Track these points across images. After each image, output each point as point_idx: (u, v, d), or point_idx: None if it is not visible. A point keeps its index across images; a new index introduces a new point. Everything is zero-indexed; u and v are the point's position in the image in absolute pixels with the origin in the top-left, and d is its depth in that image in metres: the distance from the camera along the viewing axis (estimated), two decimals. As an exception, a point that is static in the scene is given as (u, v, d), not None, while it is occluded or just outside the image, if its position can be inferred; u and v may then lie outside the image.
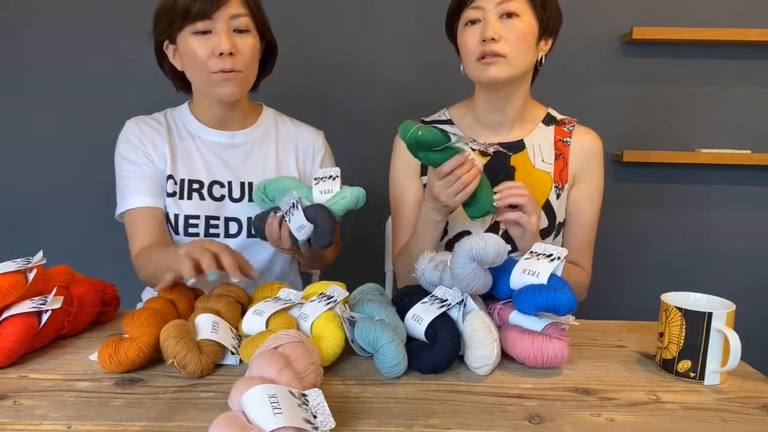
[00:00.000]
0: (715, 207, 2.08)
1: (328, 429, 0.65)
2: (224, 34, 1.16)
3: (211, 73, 1.18)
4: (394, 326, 0.89)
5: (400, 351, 0.86)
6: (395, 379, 0.86)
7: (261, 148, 1.34)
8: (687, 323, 0.87)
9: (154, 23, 1.23)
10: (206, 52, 1.17)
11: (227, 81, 1.19)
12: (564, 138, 1.31)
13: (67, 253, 1.49)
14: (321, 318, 0.91)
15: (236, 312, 0.99)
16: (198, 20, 1.15)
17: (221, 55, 1.16)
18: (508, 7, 1.16)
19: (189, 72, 1.23)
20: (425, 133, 1.04)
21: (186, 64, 1.22)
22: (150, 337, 0.87)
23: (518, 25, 1.16)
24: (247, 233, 1.30)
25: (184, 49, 1.19)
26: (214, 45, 1.16)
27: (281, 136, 1.36)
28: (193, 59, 1.18)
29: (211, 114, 1.30)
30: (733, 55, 1.99)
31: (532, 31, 1.18)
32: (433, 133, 1.05)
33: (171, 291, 1.03)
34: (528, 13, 1.18)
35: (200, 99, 1.30)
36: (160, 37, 1.23)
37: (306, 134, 1.39)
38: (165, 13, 1.19)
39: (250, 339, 0.90)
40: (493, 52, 1.17)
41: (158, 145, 1.28)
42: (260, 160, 1.33)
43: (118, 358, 0.85)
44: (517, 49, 1.17)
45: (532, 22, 1.18)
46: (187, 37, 1.18)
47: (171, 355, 0.83)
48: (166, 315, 0.94)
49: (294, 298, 0.97)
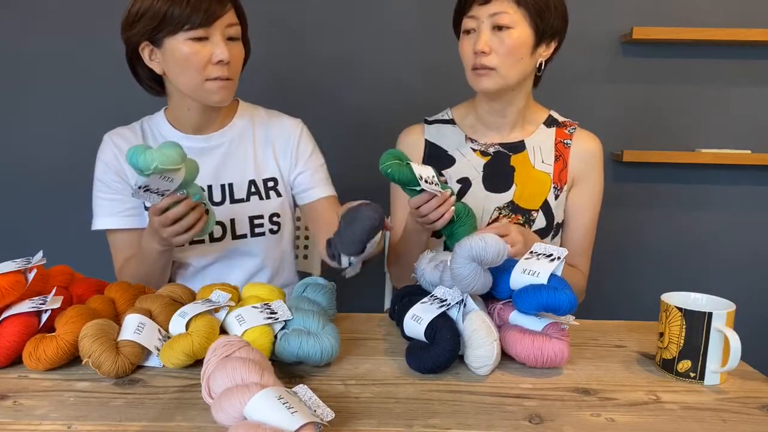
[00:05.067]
0: (715, 207, 2.08)
1: (329, 420, 0.66)
2: (222, 42, 1.16)
3: (207, 80, 1.17)
4: (300, 330, 0.89)
5: (317, 343, 0.87)
6: (395, 379, 0.86)
7: (239, 148, 1.32)
8: (687, 323, 0.87)
9: (130, 22, 1.17)
10: (203, 59, 1.15)
11: (222, 89, 1.19)
12: (564, 140, 1.31)
13: (67, 253, 1.48)
14: (257, 329, 0.90)
15: (171, 312, 0.94)
16: (199, 27, 1.13)
17: (219, 62, 1.16)
18: (499, 20, 1.16)
19: (176, 76, 1.19)
20: (394, 171, 1.05)
21: (174, 69, 1.18)
22: (71, 335, 0.86)
23: (509, 38, 1.16)
24: (232, 235, 1.30)
25: (175, 54, 1.16)
26: (211, 52, 1.15)
27: (258, 132, 1.34)
28: (187, 64, 1.15)
29: (190, 119, 1.28)
30: (733, 55, 1.99)
31: (525, 43, 1.18)
32: (403, 173, 1.05)
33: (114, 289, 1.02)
34: (522, 24, 1.17)
35: (180, 103, 1.26)
36: (140, 37, 1.17)
37: (282, 126, 1.36)
38: (151, 13, 1.14)
39: (168, 342, 0.89)
40: (483, 65, 1.18)
41: None
42: (239, 160, 1.31)
43: (38, 355, 0.85)
44: (507, 61, 1.17)
45: (525, 33, 1.17)
46: (179, 42, 1.15)
47: (86, 354, 0.83)
48: (98, 314, 0.92)
49: (222, 300, 0.96)
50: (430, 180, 1.06)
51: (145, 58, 1.20)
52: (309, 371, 0.89)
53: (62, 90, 2.01)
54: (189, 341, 0.86)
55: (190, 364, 0.88)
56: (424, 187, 1.04)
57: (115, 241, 1.30)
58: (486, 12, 1.17)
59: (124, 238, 1.29)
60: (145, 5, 1.15)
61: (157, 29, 1.15)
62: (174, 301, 0.99)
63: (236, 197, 1.30)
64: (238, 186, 1.30)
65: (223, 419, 0.65)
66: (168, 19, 1.13)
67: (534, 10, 1.16)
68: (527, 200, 1.28)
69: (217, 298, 0.96)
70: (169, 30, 1.14)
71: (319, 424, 0.64)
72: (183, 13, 1.12)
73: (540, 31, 1.18)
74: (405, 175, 1.05)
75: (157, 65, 1.20)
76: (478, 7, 1.18)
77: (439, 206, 1.07)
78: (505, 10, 1.16)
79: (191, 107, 1.26)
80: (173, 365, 0.87)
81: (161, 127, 1.31)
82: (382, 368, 0.90)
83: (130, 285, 1.05)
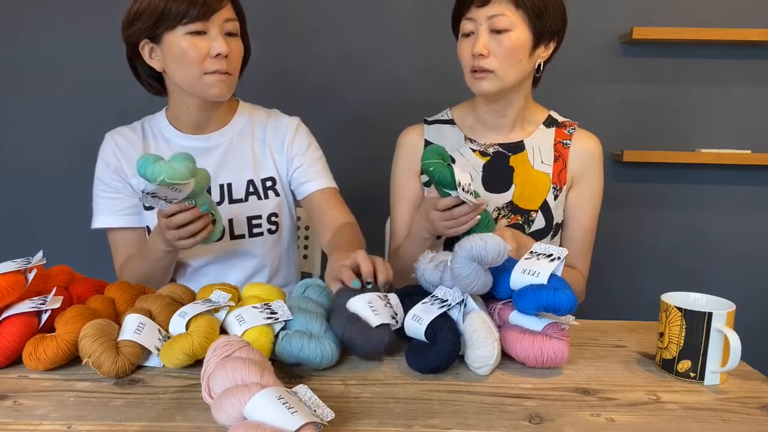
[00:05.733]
0: (715, 207, 2.08)
1: (329, 419, 0.66)
2: (220, 36, 1.17)
3: (205, 74, 1.18)
4: (302, 332, 0.89)
5: (318, 347, 0.86)
6: (395, 379, 0.86)
7: (237, 148, 1.32)
8: (687, 323, 0.87)
9: (130, 20, 1.18)
10: (201, 53, 1.16)
11: (221, 82, 1.19)
12: (564, 140, 1.31)
13: (67, 253, 1.48)
14: (257, 329, 0.90)
15: (172, 313, 0.94)
16: (196, 21, 1.14)
17: (217, 56, 1.16)
18: (497, 23, 1.16)
19: (175, 71, 1.20)
20: (436, 170, 1.05)
21: (173, 64, 1.19)
22: (71, 335, 0.86)
23: (507, 40, 1.16)
24: (230, 236, 1.30)
25: (174, 49, 1.17)
26: (209, 46, 1.16)
27: (257, 132, 1.34)
28: (186, 58, 1.16)
29: (190, 118, 1.28)
30: (733, 55, 1.99)
31: (523, 45, 1.17)
32: (444, 175, 1.05)
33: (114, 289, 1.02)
34: (520, 26, 1.16)
35: (179, 101, 1.27)
36: (140, 35, 1.18)
37: (278, 124, 1.35)
38: (150, 11, 1.15)
39: (168, 342, 0.88)
40: (481, 68, 1.18)
41: (133, 160, 1.27)
42: (237, 160, 1.31)
43: (38, 355, 0.85)
44: (505, 64, 1.17)
45: (523, 35, 1.17)
46: (178, 37, 1.15)
47: (86, 354, 0.83)
48: (98, 314, 0.92)
49: (222, 300, 0.96)
50: (467, 188, 1.06)
51: (145, 56, 1.21)
52: (309, 371, 0.89)
53: (62, 90, 2.02)
54: (189, 341, 0.86)
55: (190, 364, 0.88)
56: (461, 195, 1.04)
57: (115, 240, 1.31)
58: (484, 14, 1.17)
59: (124, 237, 1.30)
60: (144, 4, 1.16)
61: (156, 25, 1.16)
62: (174, 301, 0.99)
63: (235, 197, 1.30)
64: (236, 186, 1.30)
65: (223, 419, 0.65)
66: (166, 14, 1.14)
67: (532, 12, 1.16)
68: (526, 200, 1.28)
69: (217, 298, 0.96)
70: (167, 25, 1.15)
71: (319, 424, 0.64)
72: (181, 8, 1.13)
73: (538, 32, 1.18)
74: (445, 177, 1.05)
75: (157, 62, 1.21)
76: (476, 9, 1.18)
77: (469, 213, 1.07)
78: (503, 12, 1.15)
79: (191, 105, 1.26)
80: (173, 365, 0.87)
81: (162, 127, 1.31)
82: (382, 368, 0.90)
83: (130, 285, 1.05)
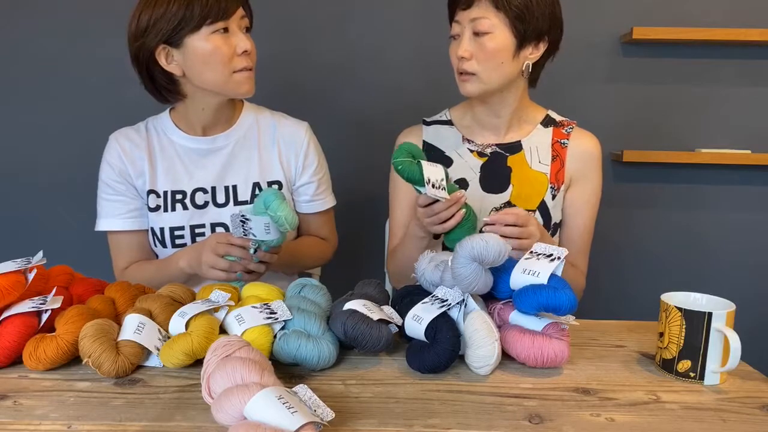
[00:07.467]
0: (714, 207, 2.08)
1: (329, 419, 0.66)
2: (240, 32, 1.17)
3: (234, 72, 1.18)
4: (299, 332, 0.89)
5: (315, 347, 0.86)
6: (395, 379, 0.86)
7: (243, 150, 1.31)
8: (687, 323, 0.87)
9: (143, 30, 1.15)
10: (228, 52, 1.16)
11: (250, 79, 1.20)
12: (561, 140, 1.31)
13: (67, 253, 1.48)
14: (257, 329, 0.90)
15: (171, 312, 0.94)
16: (219, 20, 1.14)
17: (243, 53, 1.17)
18: (478, 26, 1.17)
19: (202, 73, 1.17)
20: (405, 168, 1.05)
21: (197, 66, 1.16)
22: (71, 335, 0.87)
23: (488, 43, 1.16)
24: None
25: (198, 51, 1.15)
26: (234, 44, 1.16)
27: (263, 134, 1.33)
28: (213, 59, 1.15)
29: (201, 119, 1.27)
30: (733, 55, 1.99)
31: (505, 48, 1.17)
32: (413, 172, 1.05)
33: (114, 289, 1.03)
34: (501, 29, 1.16)
35: (195, 103, 1.25)
36: (156, 43, 1.15)
37: (288, 128, 1.35)
38: (169, 16, 1.13)
39: (168, 342, 0.88)
40: (463, 71, 1.20)
41: (137, 161, 1.27)
42: (243, 162, 1.31)
43: (38, 355, 0.85)
44: (487, 66, 1.18)
45: (504, 37, 1.17)
46: (202, 39, 1.14)
47: (86, 354, 0.83)
48: (98, 314, 0.92)
49: (222, 300, 0.96)
50: (437, 184, 1.06)
51: (162, 62, 1.18)
52: (309, 371, 0.89)
53: (63, 90, 2.01)
54: (189, 341, 0.86)
55: (190, 364, 0.88)
56: (428, 192, 1.04)
57: (118, 243, 1.30)
58: (467, 17, 1.18)
59: (127, 240, 1.29)
60: (157, 12, 1.13)
61: (177, 29, 1.14)
62: (174, 301, 0.99)
63: (240, 199, 1.30)
64: (242, 188, 1.30)
65: (223, 419, 0.65)
66: (188, 17, 1.13)
67: (513, 15, 1.15)
68: (524, 201, 1.28)
69: (217, 298, 0.96)
70: (190, 28, 1.14)
71: (319, 424, 0.64)
72: (203, 10, 1.13)
73: (521, 34, 1.17)
74: (414, 174, 1.05)
75: (176, 67, 1.18)
76: (461, 12, 1.19)
77: (447, 208, 1.07)
78: (484, 15, 1.16)
79: (207, 106, 1.25)
80: (173, 365, 0.87)
81: (167, 128, 1.31)
82: (382, 368, 0.90)
83: (130, 285, 1.05)
